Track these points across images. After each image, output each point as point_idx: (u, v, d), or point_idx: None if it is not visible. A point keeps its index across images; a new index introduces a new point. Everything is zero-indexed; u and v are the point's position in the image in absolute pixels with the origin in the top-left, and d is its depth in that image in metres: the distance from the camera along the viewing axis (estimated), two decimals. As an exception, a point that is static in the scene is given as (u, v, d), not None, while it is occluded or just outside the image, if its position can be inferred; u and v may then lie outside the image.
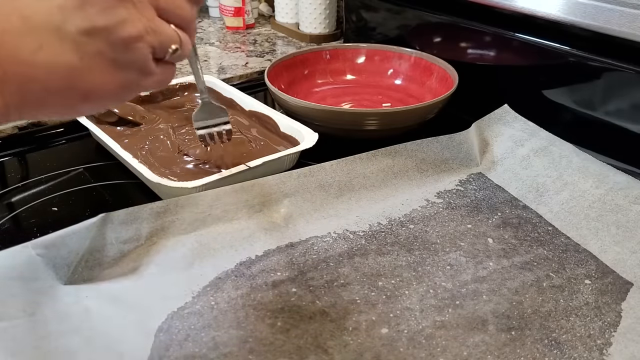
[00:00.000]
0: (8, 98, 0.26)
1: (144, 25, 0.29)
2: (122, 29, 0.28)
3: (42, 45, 0.26)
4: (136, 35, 0.28)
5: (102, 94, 0.29)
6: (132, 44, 0.28)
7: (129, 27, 0.28)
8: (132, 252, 0.42)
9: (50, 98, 0.28)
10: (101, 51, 0.28)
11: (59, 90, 0.28)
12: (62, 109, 0.29)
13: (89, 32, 0.27)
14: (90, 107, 0.30)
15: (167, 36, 0.30)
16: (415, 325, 0.38)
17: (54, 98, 0.28)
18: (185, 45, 0.32)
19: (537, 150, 0.55)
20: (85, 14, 0.27)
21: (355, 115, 0.58)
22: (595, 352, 0.36)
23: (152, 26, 0.29)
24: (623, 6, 0.51)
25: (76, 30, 0.27)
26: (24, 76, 0.26)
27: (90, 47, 0.27)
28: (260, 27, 1.04)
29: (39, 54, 0.26)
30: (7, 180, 0.55)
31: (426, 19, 0.72)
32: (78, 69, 0.27)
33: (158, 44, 0.30)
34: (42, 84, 0.27)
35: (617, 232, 0.46)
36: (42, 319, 0.36)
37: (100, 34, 0.27)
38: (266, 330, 0.37)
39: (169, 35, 0.30)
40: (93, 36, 0.27)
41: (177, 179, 0.50)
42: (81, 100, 0.29)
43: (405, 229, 0.48)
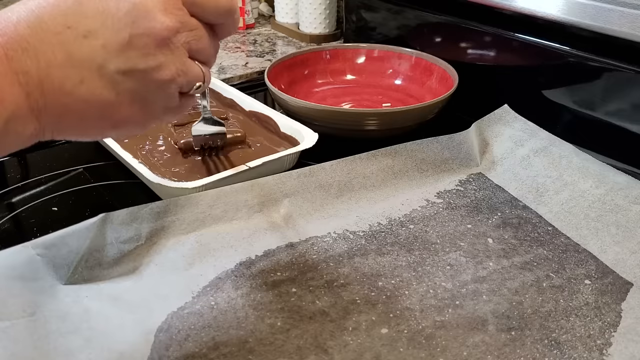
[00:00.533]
0: (45, 124, 0.29)
1: (176, 69, 0.31)
2: (158, 73, 0.30)
3: (83, 80, 0.28)
4: (169, 79, 0.31)
5: (130, 124, 0.32)
6: (165, 85, 0.31)
7: (164, 71, 0.30)
8: (132, 252, 0.42)
9: (83, 126, 0.30)
10: (136, 90, 0.30)
11: (92, 119, 0.30)
12: (93, 133, 0.32)
13: (127, 73, 0.29)
14: (117, 133, 0.33)
15: (194, 76, 0.33)
16: (415, 325, 0.38)
17: (86, 126, 0.30)
18: (207, 81, 0.34)
19: (537, 151, 0.55)
20: (126, 57, 0.29)
21: (355, 115, 0.58)
22: (595, 352, 0.36)
23: (183, 69, 0.32)
24: (623, 6, 0.51)
25: (116, 70, 0.29)
26: (63, 106, 0.28)
27: (126, 85, 0.30)
28: (260, 27, 1.04)
29: (80, 88, 0.28)
30: (7, 180, 0.55)
31: (426, 19, 0.72)
32: (113, 104, 0.30)
33: (186, 84, 0.32)
34: (78, 114, 0.29)
35: (617, 232, 0.46)
36: (42, 319, 0.36)
37: (137, 75, 0.30)
38: (266, 330, 0.37)
39: (196, 74, 0.33)
40: (131, 77, 0.29)
41: (177, 179, 0.50)
42: (110, 128, 0.31)
43: (405, 229, 0.48)
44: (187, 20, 0.31)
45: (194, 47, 0.32)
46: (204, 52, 0.33)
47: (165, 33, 0.30)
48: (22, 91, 0.27)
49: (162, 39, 0.30)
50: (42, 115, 0.28)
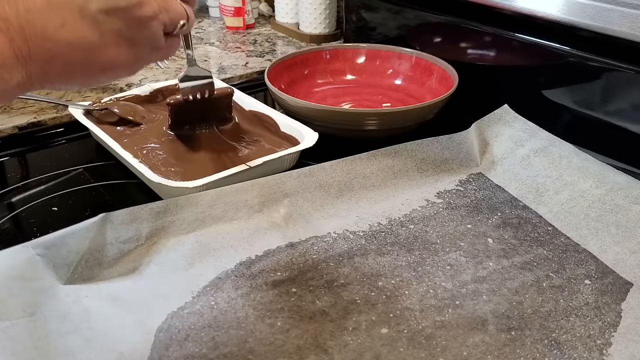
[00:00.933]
0: (32, 72, 0.28)
1: (158, 5, 0.31)
2: (140, 9, 0.30)
3: (64, 23, 0.28)
4: (152, 15, 0.31)
5: (117, 66, 0.31)
6: (148, 22, 0.31)
7: (145, 7, 0.30)
8: (132, 252, 0.42)
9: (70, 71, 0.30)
10: (119, 29, 0.30)
11: (79, 64, 0.30)
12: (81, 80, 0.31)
13: (109, 11, 0.29)
14: (106, 78, 0.32)
15: (177, 13, 0.33)
16: (415, 325, 0.38)
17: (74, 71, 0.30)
18: (191, 20, 0.34)
19: (537, 151, 0.55)
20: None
21: (355, 115, 0.58)
22: (595, 352, 0.36)
23: (164, 5, 0.31)
24: (623, 6, 0.51)
25: (97, 9, 0.28)
26: (47, 52, 0.28)
27: (109, 25, 0.29)
28: (260, 27, 1.04)
29: (62, 31, 0.28)
30: (7, 180, 0.55)
31: (426, 19, 0.72)
32: (97, 46, 0.29)
33: (169, 21, 0.32)
34: (64, 59, 0.29)
35: (617, 232, 0.46)
36: (42, 319, 0.36)
37: (119, 13, 0.29)
38: (266, 330, 0.37)
39: (179, 12, 0.33)
40: (112, 15, 0.29)
41: (177, 179, 0.50)
42: (98, 72, 0.31)
43: (405, 229, 0.48)
44: None
45: None
46: None
47: None
48: (5, 37, 0.27)
49: None
50: (27, 63, 0.28)
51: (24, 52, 0.27)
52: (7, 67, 0.27)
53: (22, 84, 0.28)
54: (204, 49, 0.91)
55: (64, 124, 0.64)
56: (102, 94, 0.70)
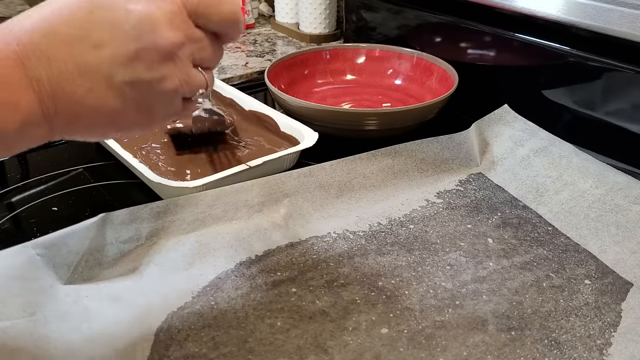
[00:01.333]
0: (55, 128, 0.30)
1: (179, 80, 0.32)
2: (163, 84, 0.32)
3: (92, 89, 0.30)
4: (173, 89, 0.32)
5: (134, 128, 0.34)
6: (169, 96, 0.32)
7: (168, 82, 0.32)
8: (132, 252, 0.42)
9: (91, 130, 0.32)
10: (141, 99, 0.31)
11: (100, 124, 0.32)
12: (97, 136, 0.34)
13: (133, 83, 0.31)
14: (120, 135, 0.35)
15: (197, 84, 0.34)
16: (415, 325, 0.38)
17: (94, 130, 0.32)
18: (210, 87, 0.35)
19: (537, 151, 0.55)
20: (132, 69, 0.30)
21: (355, 115, 0.58)
22: (595, 352, 0.36)
23: (186, 79, 0.33)
24: (623, 6, 0.51)
25: (122, 80, 0.30)
26: (73, 113, 0.30)
27: (132, 95, 0.31)
28: (260, 27, 1.04)
29: (89, 97, 0.30)
30: (7, 180, 0.55)
31: (426, 19, 0.72)
32: (119, 112, 0.31)
33: (189, 92, 0.34)
34: (87, 120, 0.31)
35: (617, 232, 0.46)
36: (42, 319, 0.36)
37: (143, 85, 0.31)
38: (266, 330, 0.37)
39: (199, 82, 0.34)
40: (136, 87, 0.31)
41: (177, 179, 0.50)
42: (115, 132, 0.33)
43: (405, 229, 0.48)
44: (192, 33, 0.32)
45: (197, 57, 0.33)
46: (208, 60, 0.34)
47: (170, 48, 0.31)
48: (36, 97, 0.29)
49: (166, 53, 0.31)
50: (53, 120, 0.30)
51: (52, 111, 0.29)
52: (35, 124, 0.29)
53: (45, 136, 0.31)
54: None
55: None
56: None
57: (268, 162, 0.50)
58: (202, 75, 0.34)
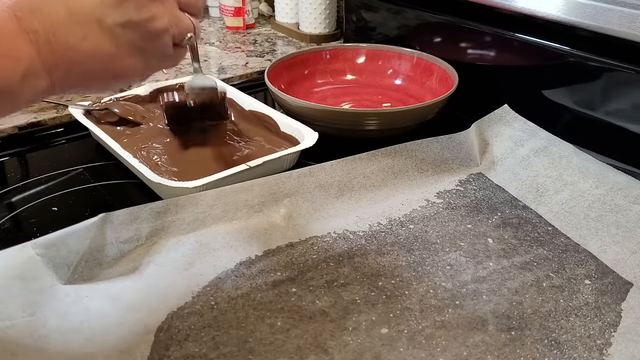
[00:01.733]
0: (55, 78, 0.31)
1: (168, 20, 0.34)
2: (152, 23, 0.33)
3: (86, 36, 0.31)
4: (163, 28, 0.34)
5: (130, 73, 0.34)
6: (159, 35, 0.34)
7: (157, 21, 0.33)
8: (132, 252, 0.42)
9: (89, 77, 0.33)
10: (134, 41, 0.33)
11: (97, 71, 0.33)
12: (97, 86, 0.35)
13: (124, 25, 0.32)
14: (119, 84, 0.36)
15: (185, 26, 0.36)
16: (415, 325, 0.38)
17: (92, 77, 0.33)
18: (197, 32, 0.37)
19: (537, 151, 0.55)
20: (122, 10, 0.31)
21: (355, 115, 0.58)
22: (595, 352, 0.36)
23: (174, 20, 0.34)
24: (623, 6, 0.51)
25: (114, 23, 0.31)
26: (71, 61, 0.31)
27: (125, 37, 0.32)
28: (260, 27, 1.04)
29: (83, 43, 0.31)
30: (7, 180, 0.55)
31: (426, 19, 0.72)
32: (114, 55, 0.32)
33: (178, 34, 0.35)
34: (84, 67, 0.32)
35: (617, 232, 0.46)
36: (42, 319, 0.36)
37: (134, 26, 0.32)
38: (266, 330, 0.37)
39: (187, 25, 0.36)
40: (128, 28, 0.32)
41: (177, 179, 0.50)
42: (113, 79, 0.34)
43: (405, 229, 0.48)
44: None
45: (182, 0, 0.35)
46: (192, 4, 0.36)
47: None
48: (34, 48, 0.30)
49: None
50: (52, 71, 0.31)
51: (50, 61, 0.30)
52: (36, 75, 0.30)
53: (47, 90, 0.31)
54: (204, 49, 0.91)
55: (64, 124, 0.64)
56: (102, 94, 0.70)
57: (268, 162, 0.50)
58: (188, 19, 0.36)
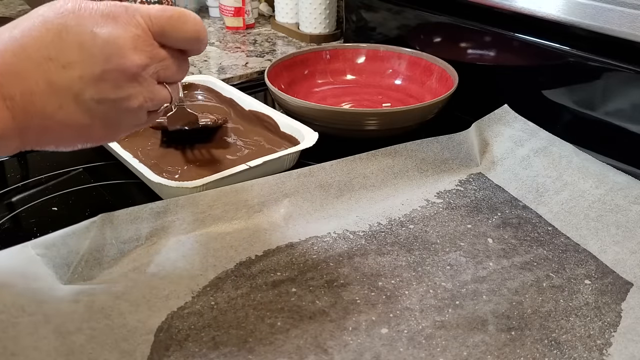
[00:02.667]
0: (26, 140, 0.32)
1: (144, 98, 0.34)
2: (128, 102, 0.34)
3: (61, 106, 0.32)
4: (138, 106, 0.34)
5: (101, 140, 0.36)
6: (134, 112, 0.35)
7: (133, 101, 0.34)
8: (132, 252, 0.42)
9: (60, 142, 0.34)
10: (108, 115, 0.34)
11: (69, 137, 0.34)
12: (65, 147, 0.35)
13: (100, 101, 0.33)
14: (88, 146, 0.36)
15: (162, 99, 0.36)
16: (415, 325, 0.38)
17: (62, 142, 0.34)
18: (174, 100, 0.38)
19: (537, 151, 0.55)
20: (99, 88, 0.32)
21: (355, 115, 0.58)
22: (595, 352, 0.36)
23: (151, 96, 0.35)
24: (623, 6, 0.51)
25: (90, 98, 0.32)
26: (44, 127, 0.32)
27: (99, 111, 0.33)
28: (260, 27, 1.04)
29: (59, 113, 0.32)
30: (7, 180, 0.55)
31: (426, 19, 0.72)
32: (87, 126, 0.33)
33: (153, 107, 0.36)
34: (57, 133, 0.33)
35: (616, 232, 0.46)
36: (42, 319, 0.36)
37: (109, 103, 0.33)
38: (266, 330, 0.37)
39: (164, 97, 0.36)
40: (103, 104, 0.33)
41: (177, 179, 0.50)
42: (83, 144, 0.35)
43: (405, 229, 0.48)
44: (156, 54, 0.34)
45: (162, 75, 0.35)
46: (173, 77, 0.36)
47: (135, 70, 0.33)
48: (10, 114, 0.31)
49: (131, 74, 0.33)
50: (24, 134, 0.32)
51: (23, 125, 0.31)
52: (8, 138, 0.31)
53: (17, 148, 0.33)
54: (204, 49, 0.91)
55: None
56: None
57: (268, 162, 0.51)
58: (166, 90, 0.36)
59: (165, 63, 0.35)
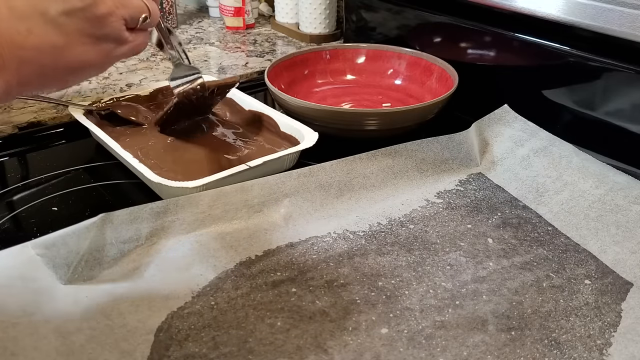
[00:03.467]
0: (9, 78, 0.31)
1: (113, 2, 0.33)
2: (96, 7, 0.32)
3: (31, 30, 0.30)
4: (107, 12, 0.33)
5: (85, 65, 0.34)
6: (106, 18, 0.33)
7: (100, 5, 0.33)
8: (132, 252, 0.42)
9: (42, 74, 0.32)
10: (80, 28, 0.32)
11: (49, 66, 0.32)
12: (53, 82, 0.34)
13: (68, 13, 0.31)
14: (77, 78, 0.35)
15: (136, 8, 0.35)
16: (415, 325, 0.38)
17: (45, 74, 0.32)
18: (153, 13, 0.36)
19: (537, 151, 0.55)
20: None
21: (355, 115, 0.58)
22: (595, 352, 0.36)
23: (121, 1, 0.34)
24: (623, 6, 0.51)
25: (56, 12, 0.31)
26: (20, 58, 0.31)
27: (70, 26, 0.32)
28: (260, 27, 1.04)
29: (30, 38, 0.30)
30: (7, 180, 0.55)
31: (426, 19, 0.72)
32: (63, 46, 0.32)
33: (129, 16, 0.34)
34: (34, 62, 0.31)
35: (616, 232, 0.46)
36: (42, 319, 0.36)
37: (77, 13, 0.32)
38: (266, 330, 0.37)
39: (138, 6, 0.35)
40: (72, 16, 0.31)
41: (177, 179, 0.50)
42: (69, 73, 0.34)
43: (405, 229, 0.48)
44: None
45: None
46: None
47: None
48: None
49: None
50: (2, 71, 0.30)
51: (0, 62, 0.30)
52: None
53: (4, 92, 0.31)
54: (204, 49, 0.91)
55: (64, 124, 0.64)
56: (102, 94, 0.70)
57: (268, 162, 0.51)
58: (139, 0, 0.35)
59: None
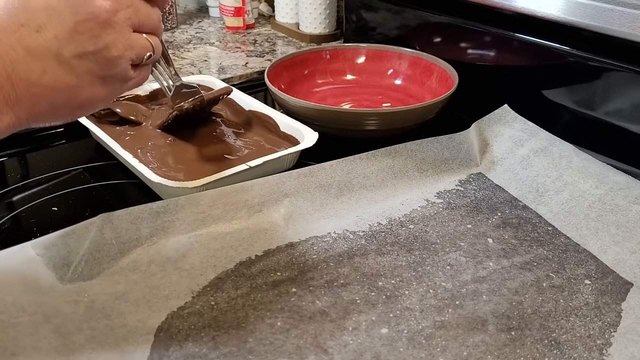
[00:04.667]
0: (20, 114, 0.32)
1: (123, 45, 0.35)
2: (108, 51, 0.34)
3: (45, 70, 0.32)
4: (118, 55, 0.34)
5: (94, 101, 0.35)
6: (116, 61, 0.35)
7: (112, 49, 0.34)
8: (132, 252, 0.42)
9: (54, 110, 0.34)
10: (92, 70, 0.34)
11: (61, 104, 0.34)
12: (63, 117, 0.35)
13: (80, 56, 0.33)
14: (85, 111, 0.36)
15: (142, 48, 0.36)
16: (415, 325, 0.38)
17: (57, 110, 0.34)
18: (157, 49, 0.38)
19: (537, 151, 0.55)
20: (77, 42, 0.33)
21: (355, 115, 0.58)
22: (595, 352, 0.36)
23: (129, 43, 0.35)
24: (623, 6, 0.51)
25: (70, 55, 0.32)
26: (33, 96, 0.32)
27: (83, 67, 0.33)
28: (260, 27, 1.04)
29: (44, 77, 0.32)
30: (7, 180, 0.55)
31: (426, 19, 0.72)
32: (75, 86, 0.33)
33: (136, 56, 0.36)
34: (47, 100, 0.33)
35: (616, 232, 0.46)
36: (42, 319, 0.36)
37: (90, 56, 0.33)
38: (266, 330, 0.37)
39: (144, 46, 0.37)
40: (84, 59, 0.33)
41: (177, 179, 0.50)
42: (78, 109, 0.35)
43: (405, 229, 0.48)
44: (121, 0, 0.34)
45: (135, 21, 0.35)
46: (147, 23, 0.36)
47: (105, 15, 0.33)
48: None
49: (103, 21, 0.33)
50: (15, 106, 0.32)
51: (12, 97, 0.31)
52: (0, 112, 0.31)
53: (12, 125, 0.32)
54: (204, 49, 0.91)
55: (64, 124, 0.64)
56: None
57: (268, 162, 0.51)
58: (144, 39, 0.36)
59: (133, 7, 0.35)
